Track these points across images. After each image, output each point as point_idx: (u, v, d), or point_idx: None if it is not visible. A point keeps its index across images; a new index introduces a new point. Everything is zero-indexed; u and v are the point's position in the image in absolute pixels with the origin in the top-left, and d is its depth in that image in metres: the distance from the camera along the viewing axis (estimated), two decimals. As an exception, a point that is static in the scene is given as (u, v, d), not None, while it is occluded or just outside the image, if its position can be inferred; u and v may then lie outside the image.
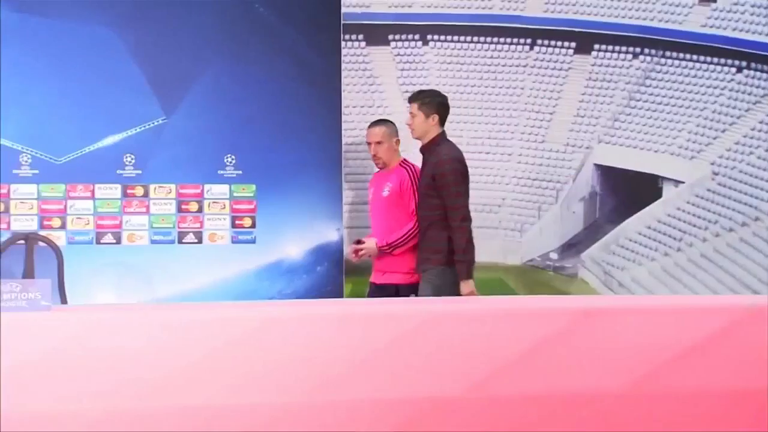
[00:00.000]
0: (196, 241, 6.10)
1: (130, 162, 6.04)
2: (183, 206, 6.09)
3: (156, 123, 6.06)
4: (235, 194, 6.14)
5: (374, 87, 6.30)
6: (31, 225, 5.91)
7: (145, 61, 6.01)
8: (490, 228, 6.59)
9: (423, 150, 5.78)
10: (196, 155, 6.09)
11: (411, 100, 5.80)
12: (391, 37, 6.56)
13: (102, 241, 6.02)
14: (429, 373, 3.68)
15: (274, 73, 6.13)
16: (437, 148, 5.70)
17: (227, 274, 6.09)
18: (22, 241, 5.53)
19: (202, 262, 6.08)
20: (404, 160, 5.96)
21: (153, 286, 6.02)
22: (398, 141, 5.96)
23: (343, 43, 6.31)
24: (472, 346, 3.72)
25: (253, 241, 6.14)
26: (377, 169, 6.01)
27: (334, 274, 6.19)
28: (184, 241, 6.09)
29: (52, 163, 5.95)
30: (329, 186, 6.17)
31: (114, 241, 6.03)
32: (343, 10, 6.30)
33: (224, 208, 6.13)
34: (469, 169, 6.14)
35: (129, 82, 5.98)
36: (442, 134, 5.76)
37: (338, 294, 6.11)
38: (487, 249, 6.53)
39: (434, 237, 5.68)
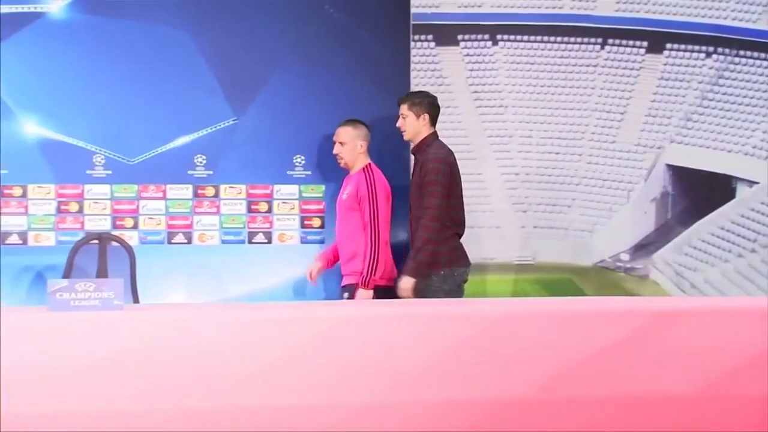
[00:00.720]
0: (265, 241, 6.13)
1: (201, 162, 6.09)
2: (253, 206, 6.13)
3: (227, 124, 6.10)
4: (304, 194, 6.17)
5: (443, 87, 6.27)
6: (104, 225, 5.99)
7: (217, 63, 6.06)
8: (560, 229, 6.54)
9: (414, 151, 5.71)
10: (266, 156, 6.12)
11: (400, 102, 5.72)
12: (460, 37, 6.53)
13: (173, 241, 6.07)
14: (500, 374, 3.66)
15: (343, 74, 6.14)
16: (427, 149, 5.59)
17: (296, 274, 6.10)
18: (96, 241, 5.61)
19: (271, 262, 6.11)
20: (369, 165, 5.86)
21: (223, 285, 6.06)
22: (364, 145, 5.86)
23: (412, 44, 6.31)
24: (543, 347, 3.70)
25: (322, 242, 6.15)
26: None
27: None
28: (254, 241, 6.12)
29: (124, 163, 6.02)
30: (398, 187, 6.16)
31: (185, 241, 6.08)
32: (413, 10, 6.30)
33: (293, 208, 6.16)
34: (539, 169, 6.10)
35: (201, 83, 6.03)
36: (434, 134, 5.67)
37: (407, 295, 6.09)
38: (557, 250, 6.48)
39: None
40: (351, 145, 5.83)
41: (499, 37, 6.56)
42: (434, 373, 3.65)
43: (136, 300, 5.36)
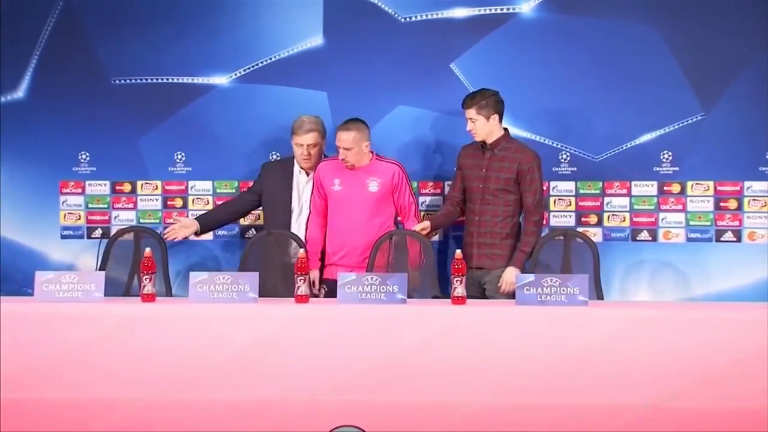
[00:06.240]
0: (734, 239, 5.96)
1: (667, 159, 6.02)
2: (721, 203, 5.97)
3: (694, 119, 5.98)
4: (777, 191, 5.95)
5: None
6: (568, 221, 6.07)
7: (685, 57, 5.95)
8: None
9: (487, 146, 5.55)
10: (735, 151, 5.94)
11: (466, 105, 5.51)
12: None
13: (638, 238, 6.05)
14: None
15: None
16: (507, 146, 5.54)
17: (766, 274, 5.89)
18: (561, 237, 5.69)
19: (740, 261, 5.93)
20: (375, 155, 5.66)
21: (688, 284, 5.96)
22: (368, 144, 5.60)
23: None
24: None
25: (796, 241, 5.91)
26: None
27: None
28: (721, 239, 5.97)
29: (589, 160, 6.07)
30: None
31: (649, 238, 6.04)
32: None
33: (765, 206, 5.94)
34: None
35: (668, 78, 5.96)
36: (507, 132, 5.60)
37: None
38: None
39: (500, 235, 5.52)
40: (357, 149, 5.59)
41: None
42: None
43: (600, 296, 5.37)
